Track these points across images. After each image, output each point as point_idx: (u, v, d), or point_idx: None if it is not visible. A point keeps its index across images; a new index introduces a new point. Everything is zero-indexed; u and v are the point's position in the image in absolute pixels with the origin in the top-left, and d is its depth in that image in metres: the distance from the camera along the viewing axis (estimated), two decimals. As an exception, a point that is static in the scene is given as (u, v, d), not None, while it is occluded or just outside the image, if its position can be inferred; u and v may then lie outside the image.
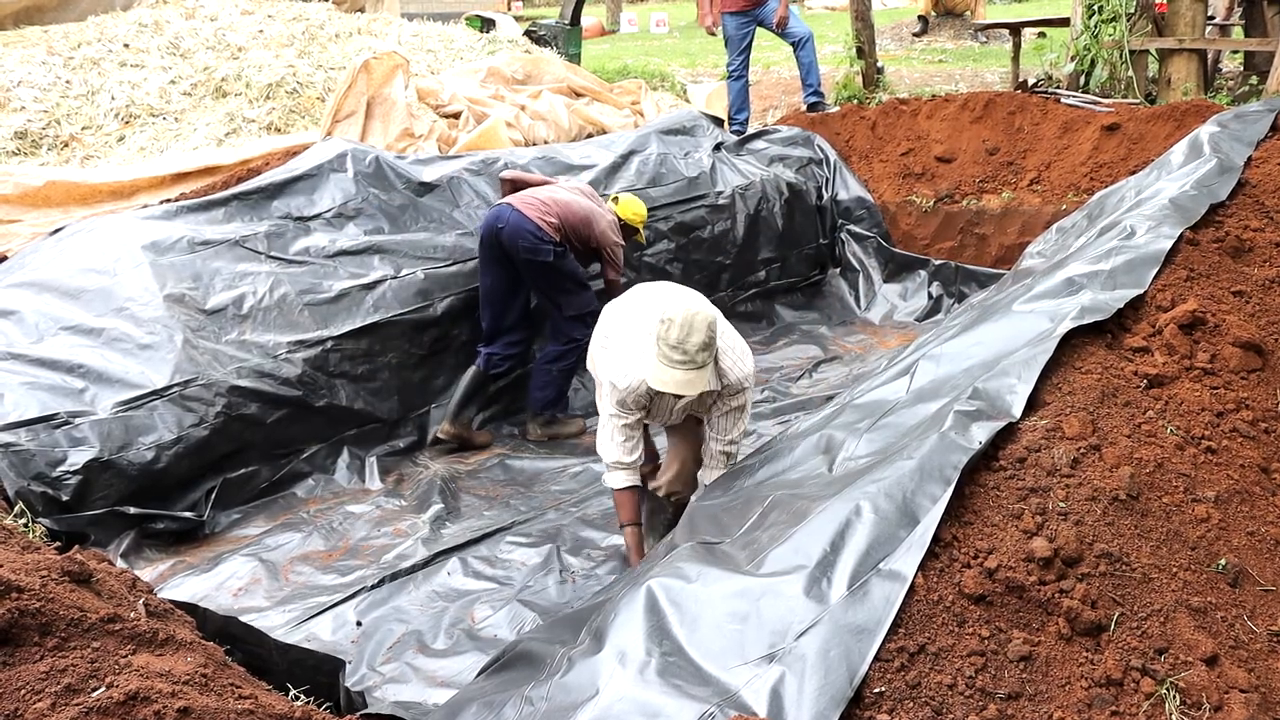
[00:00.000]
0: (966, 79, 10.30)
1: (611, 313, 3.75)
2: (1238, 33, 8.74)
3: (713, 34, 8.34)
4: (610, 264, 5.14)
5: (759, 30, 8.13)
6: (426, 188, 5.57)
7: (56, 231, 5.01)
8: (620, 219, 5.19)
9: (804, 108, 8.27)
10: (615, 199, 5.38)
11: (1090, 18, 7.53)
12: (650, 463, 4.21)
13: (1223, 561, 2.39)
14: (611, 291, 5.21)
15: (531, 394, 5.24)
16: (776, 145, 7.43)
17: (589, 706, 2.05)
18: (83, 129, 6.72)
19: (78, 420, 4.01)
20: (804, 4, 19.68)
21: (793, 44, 8.11)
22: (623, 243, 5.20)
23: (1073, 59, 7.82)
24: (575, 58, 9.90)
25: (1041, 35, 11.67)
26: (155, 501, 4.13)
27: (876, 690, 1.93)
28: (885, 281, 7.09)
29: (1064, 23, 8.85)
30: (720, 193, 6.64)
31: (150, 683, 1.91)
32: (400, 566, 3.90)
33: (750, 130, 7.88)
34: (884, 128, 7.64)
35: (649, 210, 5.54)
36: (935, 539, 2.21)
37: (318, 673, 3.16)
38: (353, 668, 3.29)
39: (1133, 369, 2.95)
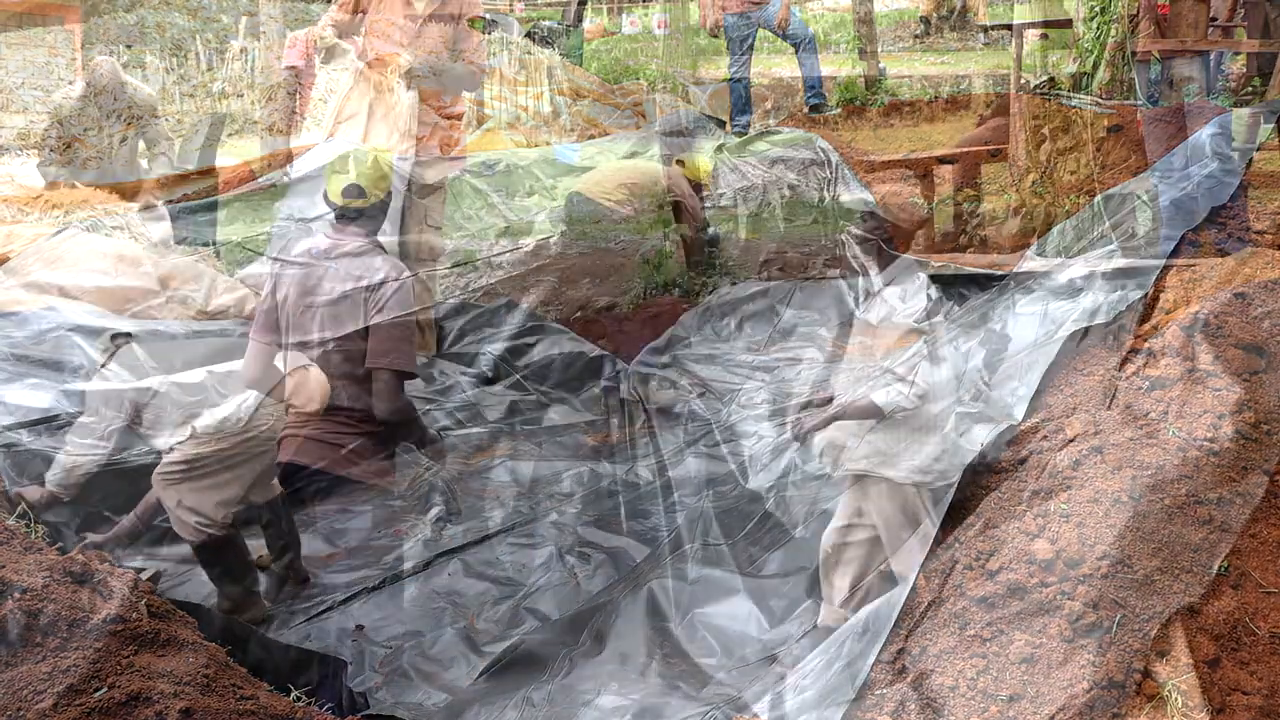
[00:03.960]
0: (968, 80, 10.28)
1: None
2: (1240, 34, 8.73)
3: (715, 35, 8.34)
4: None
5: (761, 31, 8.13)
6: (428, 189, 5.57)
7: (59, 233, 5.01)
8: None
9: (806, 109, 8.26)
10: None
11: (1092, 19, 7.53)
12: None
13: (1225, 564, 2.38)
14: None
15: None
16: (778, 147, 7.43)
17: (590, 708, 2.05)
18: (85, 130, 6.72)
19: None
20: (805, 5, 19.67)
21: (794, 45, 8.11)
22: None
23: (1075, 60, 7.82)
24: (577, 59, 9.90)
25: (1044, 37, 11.65)
26: (157, 502, 4.13)
27: (878, 691, 1.93)
28: (885, 284, 7.07)
29: (1066, 24, 8.84)
30: (721, 194, 6.63)
31: (152, 683, 1.91)
32: (402, 567, 3.90)
33: (752, 132, 7.88)
34: (886, 129, 7.64)
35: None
36: (937, 541, 2.21)
37: (319, 674, 3.15)
38: (354, 669, 3.29)
39: (1134, 370, 2.95)
